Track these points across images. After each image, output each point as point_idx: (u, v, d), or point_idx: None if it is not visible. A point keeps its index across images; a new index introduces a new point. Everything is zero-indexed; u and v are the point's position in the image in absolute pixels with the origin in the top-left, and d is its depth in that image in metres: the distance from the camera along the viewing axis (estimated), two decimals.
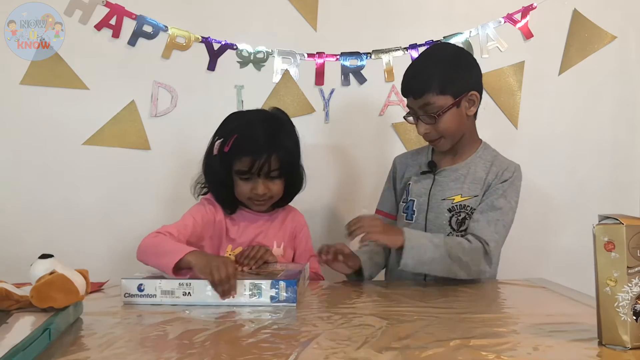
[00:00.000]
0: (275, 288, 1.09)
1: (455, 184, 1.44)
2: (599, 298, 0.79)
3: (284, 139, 1.39)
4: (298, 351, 0.79)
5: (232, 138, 1.36)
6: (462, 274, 1.31)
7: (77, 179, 1.86)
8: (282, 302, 1.09)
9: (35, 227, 1.84)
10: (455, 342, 0.83)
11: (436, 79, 1.36)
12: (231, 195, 1.42)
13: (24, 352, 0.71)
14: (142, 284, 1.14)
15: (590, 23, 1.94)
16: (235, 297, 1.11)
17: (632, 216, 0.80)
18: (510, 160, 1.48)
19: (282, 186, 1.42)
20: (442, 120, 1.37)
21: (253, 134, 1.36)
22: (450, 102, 1.36)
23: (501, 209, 1.38)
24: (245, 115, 1.48)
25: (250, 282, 1.11)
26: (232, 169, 1.38)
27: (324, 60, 1.93)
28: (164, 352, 0.80)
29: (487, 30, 1.94)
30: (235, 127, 1.40)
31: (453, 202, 1.42)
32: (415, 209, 1.47)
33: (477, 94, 1.41)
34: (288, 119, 1.47)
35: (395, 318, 1.00)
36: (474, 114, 1.44)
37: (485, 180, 1.43)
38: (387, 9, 1.92)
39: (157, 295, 1.13)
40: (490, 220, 1.36)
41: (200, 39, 1.89)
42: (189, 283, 1.12)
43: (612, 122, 1.99)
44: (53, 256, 0.98)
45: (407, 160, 1.57)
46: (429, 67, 1.41)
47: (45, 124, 1.84)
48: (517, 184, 1.43)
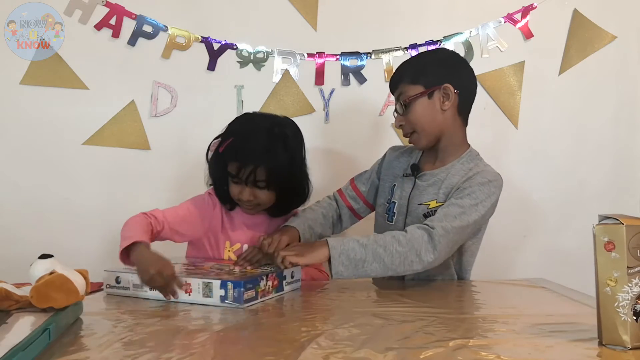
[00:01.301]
0: (224, 288, 1.09)
1: (432, 188, 1.39)
2: (599, 298, 0.79)
3: (279, 152, 1.36)
4: (298, 351, 0.79)
5: (228, 141, 1.37)
6: (401, 268, 1.22)
7: (77, 179, 1.86)
8: (232, 302, 1.09)
9: (35, 227, 1.84)
10: (455, 342, 0.83)
11: (409, 69, 1.39)
12: (225, 193, 1.43)
13: (23, 352, 0.71)
14: (119, 276, 1.21)
15: (590, 23, 1.94)
16: (177, 297, 1.12)
17: (632, 216, 0.80)
18: (491, 169, 1.39)
19: (272, 196, 1.40)
20: (411, 110, 1.36)
21: (247, 141, 1.35)
22: (420, 91, 1.36)
23: (463, 207, 1.28)
24: (253, 120, 1.45)
25: (202, 282, 1.12)
26: (226, 170, 1.40)
27: (324, 60, 1.93)
28: (164, 352, 0.80)
29: (487, 30, 1.94)
30: (235, 131, 1.40)
31: (428, 208, 1.37)
32: (395, 211, 1.45)
33: (451, 88, 1.35)
34: (294, 133, 1.42)
35: (395, 318, 1.00)
36: (460, 116, 1.40)
37: (456, 185, 1.35)
38: (387, 9, 1.93)
39: (130, 288, 1.19)
40: (447, 214, 1.26)
41: (200, 38, 1.89)
42: None
43: (612, 122, 1.99)
44: (53, 256, 0.98)
45: (396, 157, 1.54)
46: (409, 61, 1.44)
47: (45, 124, 1.84)
48: (491, 190, 1.31)
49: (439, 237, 1.22)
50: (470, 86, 1.42)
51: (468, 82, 1.41)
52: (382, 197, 1.52)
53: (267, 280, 1.17)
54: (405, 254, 1.21)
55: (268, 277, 1.18)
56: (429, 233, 1.23)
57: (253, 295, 1.11)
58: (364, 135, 1.94)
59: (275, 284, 1.20)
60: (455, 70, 1.40)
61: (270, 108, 1.91)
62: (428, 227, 1.24)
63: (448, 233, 1.24)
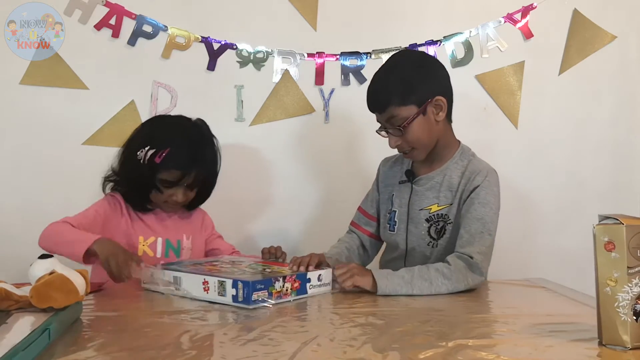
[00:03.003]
0: (235, 288, 1.09)
1: (431, 192, 1.40)
2: (599, 298, 0.79)
3: (209, 153, 1.48)
4: (298, 351, 0.79)
5: (165, 151, 1.40)
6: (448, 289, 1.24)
7: (77, 179, 1.85)
8: (241, 302, 1.08)
9: (35, 227, 1.83)
10: (455, 342, 0.83)
11: (396, 90, 1.33)
12: (145, 197, 1.47)
13: (23, 352, 0.71)
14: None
15: (590, 23, 1.94)
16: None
17: (632, 216, 0.80)
18: (485, 164, 1.41)
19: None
20: (409, 131, 1.34)
21: (185, 149, 1.43)
22: (414, 111, 1.33)
23: (482, 218, 1.31)
24: (177, 126, 1.50)
25: (217, 280, 1.12)
26: (156, 177, 1.42)
27: (324, 60, 1.93)
28: (164, 352, 0.80)
29: (487, 30, 1.94)
30: (167, 140, 1.43)
31: (430, 212, 1.39)
32: (396, 219, 1.45)
33: (442, 99, 1.35)
34: (209, 131, 1.52)
35: (395, 318, 1.00)
36: (447, 118, 1.39)
37: (458, 186, 1.38)
38: (387, 8, 1.92)
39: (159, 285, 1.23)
40: (473, 233, 1.30)
41: (200, 38, 1.88)
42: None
43: (612, 122, 1.99)
44: (53, 256, 0.98)
45: (389, 168, 1.54)
46: (388, 79, 1.37)
47: (45, 123, 1.84)
48: (495, 190, 1.36)
49: (480, 261, 1.27)
50: (450, 86, 1.40)
51: (447, 83, 1.40)
52: (383, 209, 1.52)
53: (285, 282, 1.14)
54: (454, 286, 1.23)
55: (286, 279, 1.15)
56: (469, 264, 1.26)
57: (265, 295, 1.10)
58: (364, 135, 1.94)
59: (295, 287, 1.17)
60: (437, 78, 1.38)
61: (270, 108, 1.91)
62: (466, 257, 1.27)
63: (486, 255, 1.30)
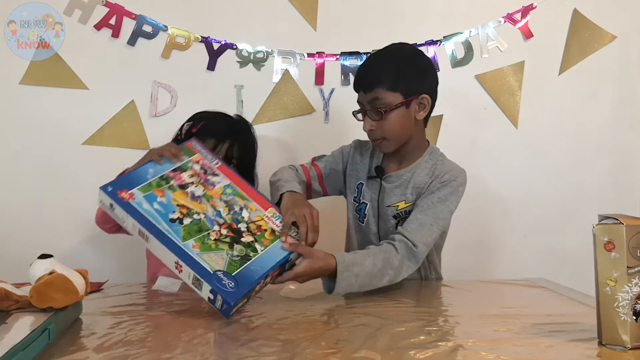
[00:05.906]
0: (213, 295, 1.00)
1: (399, 190, 1.40)
2: (599, 298, 0.79)
3: (243, 131, 1.56)
4: (298, 351, 0.79)
5: (201, 123, 1.49)
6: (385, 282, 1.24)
7: (77, 179, 1.86)
8: (219, 309, 1.00)
9: (35, 227, 1.84)
10: (455, 342, 0.83)
11: (389, 74, 1.33)
12: None
13: (23, 352, 0.71)
14: (112, 204, 1.11)
15: (590, 23, 1.94)
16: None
17: (632, 216, 0.80)
18: (454, 164, 1.41)
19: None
20: (388, 118, 1.33)
21: (220, 121, 1.53)
22: (399, 100, 1.32)
23: (436, 213, 1.32)
24: (213, 112, 1.58)
25: (192, 273, 1.01)
26: None
27: (323, 60, 1.93)
28: (164, 352, 0.80)
29: (487, 30, 1.94)
30: (204, 116, 1.54)
31: (397, 209, 1.39)
32: (367, 212, 1.45)
33: (428, 99, 1.35)
34: (247, 121, 1.62)
35: (395, 318, 1.00)
36: (424, 120, 1.39)
37: (425, 185, 1.37)
38: (387, 8, 1.93)
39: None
40: (424, 223, 1.30)
41: (200, 38, 1.88)
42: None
43: (612, 122, 1.99)
44: (52, 256, 0.98)
45: (360, 155, 1.51)
46: (383, 62, 1.37)
47: (45, 124, 1.84)
48: (460, 190, 1.36)
49: (422, 252, 1.28)
50: (436, 91, 1.40)
51: (436, 88, 1.40)
52: (350, 192, 1.50)
53: (267, 278, 1.09)
54: (396, 278, 1.24)
55: (268, 276, 1.09)
56: (411, 253, 1.26)
57: (245, 301, 1.06)
58: (364, 135, 1.93)
59: (274, 274, 1.12)
60: (429, 78, 1.38)
61: (270, 108, 1.91)
62: (411, 245, 1.26)
63: (428, 247, 1.31)
